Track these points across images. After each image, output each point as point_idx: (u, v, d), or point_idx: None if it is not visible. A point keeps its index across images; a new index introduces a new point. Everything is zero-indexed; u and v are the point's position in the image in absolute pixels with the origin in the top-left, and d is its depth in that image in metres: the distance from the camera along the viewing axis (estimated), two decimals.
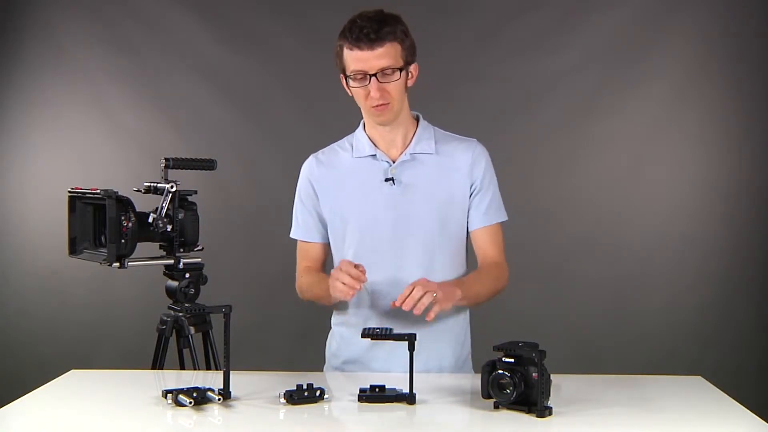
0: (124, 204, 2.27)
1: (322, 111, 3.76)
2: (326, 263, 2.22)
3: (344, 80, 2.01)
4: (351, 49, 1.92)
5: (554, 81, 3.84)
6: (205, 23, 3.92)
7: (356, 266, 1.87)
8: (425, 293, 1.80)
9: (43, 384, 1.92)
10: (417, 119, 2.13)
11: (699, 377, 1.96)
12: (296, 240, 2.20)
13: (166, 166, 2.40)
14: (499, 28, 3.86)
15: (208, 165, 2.52)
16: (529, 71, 3.85)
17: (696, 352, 3.76)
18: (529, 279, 3.83)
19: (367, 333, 1.76)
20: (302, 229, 2.17)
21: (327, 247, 2.17)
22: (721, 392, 1.83)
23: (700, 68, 3.78)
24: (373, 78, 1.93)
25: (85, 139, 3.97)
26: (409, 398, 1.71)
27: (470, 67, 3.85)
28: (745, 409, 1.68)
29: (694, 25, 3.78)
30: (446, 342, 2.06)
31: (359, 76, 1.94)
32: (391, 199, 2.04)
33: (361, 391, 1.74)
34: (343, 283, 1.85)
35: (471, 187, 2.08)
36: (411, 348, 1.73)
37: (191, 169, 2.47)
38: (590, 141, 3.87)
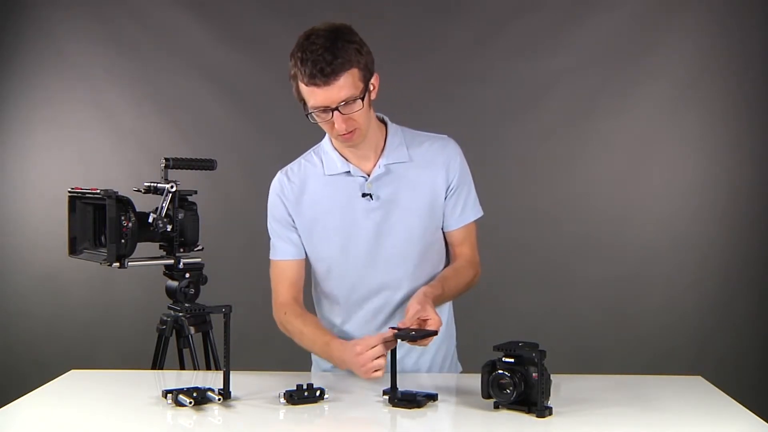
0: (124, 204, 2.28)
1: None
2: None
3: (303, 108, 1.92)
4: (307, 85, 1.82)
5: (554, 81, 3.84)
6: (205, 23, 3.93)
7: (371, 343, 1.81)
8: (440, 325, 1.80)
9: (43, 384, 1.92)
10: (384, 122, 2.06)
11: (699, 377, 1.96)
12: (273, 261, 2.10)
13: (166, 166, 2.40)
14: (499, 28, 3.86)
15: (208, 165, 2.52)
16: (529, 71, 3.85)
17: (695, 352, 3.76)
18: (529, 279, 3.84)
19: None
20: (284, 245, 2.06)
21: (305, 266, 2.10)
22: (721, 392, 1.83)
23: (700, 68, 3.78)
24: (336, 111, 1.83)
25: (85, 139, 3.98)
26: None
27: (470, 67, 3.85)
28: (745, 409, 1.68)
29: (694, 25, 3.78)
30: (436, 339, 2.04)
31: (321, 111, 1.86)
32: (371, 214, 2.00)
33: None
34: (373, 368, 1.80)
35: (447, 190, 2.04)
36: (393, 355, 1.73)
37: (191, 169, 2.48)
38: (590, 141, 3.87)
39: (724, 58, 3.77)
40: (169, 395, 1.70)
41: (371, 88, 1.90)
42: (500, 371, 1.63)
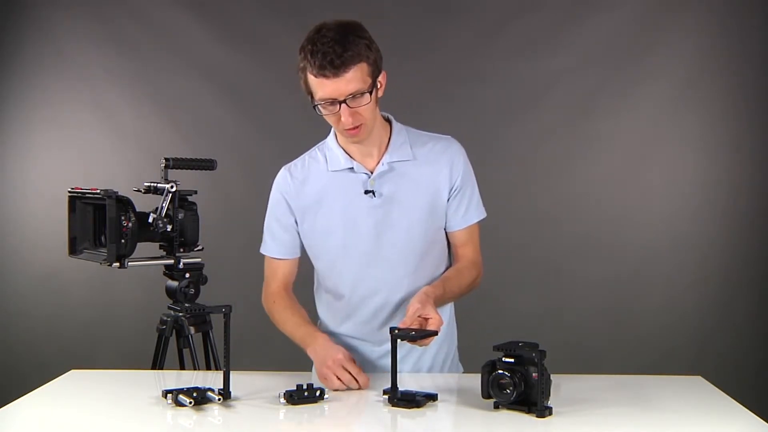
0: (124, 204, 2.28)
1: None
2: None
3: (311, 100, 1.91)
4: (316, 77, 1.82)
5: (554, 81, 3.84)
6: (205, 23, 3.93)
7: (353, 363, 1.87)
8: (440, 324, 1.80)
9: (43, 384, 1.92)
10: (389, 121, 2.06)
11: (698, 377, 1.96)
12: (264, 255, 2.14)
13: (166, 166, 2.40)
14: (499, 28, 3.87)
15: (208, 165, 2.52)
16: (529, 71, 3.85)
17: (695, 352, 3.76)
18: (529, 279, 3.84)
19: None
20: (278, 246, 2.09)
21: (299, 261, 2.12)
22: (721, 392, 1.83)
23: (700, 68, 3.78)
24: (343, 104, 1.84)
25: (85, 139, 3.98)
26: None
27: (470, 67, 3.85)
28: (745, 408, 1.68)
29: (694, 25, 3.78)
30: (437, 339, 2.03)
31: (328, 103, 1.86)
32: (373, 211, 1.99)
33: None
34: (338, 377, 1.84)
35: (450, 190, 2.04)
36: (394, 346, 1.73)
37: (191, 169, 2.48)
38: (590, 141, 3.87)
39: (724, 58, 3.77)
40: (169, 395, 1.70)
41: (378, 85, 1.91)
42: (500, 371, 1.63)
